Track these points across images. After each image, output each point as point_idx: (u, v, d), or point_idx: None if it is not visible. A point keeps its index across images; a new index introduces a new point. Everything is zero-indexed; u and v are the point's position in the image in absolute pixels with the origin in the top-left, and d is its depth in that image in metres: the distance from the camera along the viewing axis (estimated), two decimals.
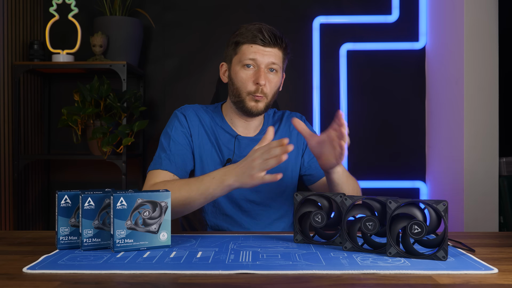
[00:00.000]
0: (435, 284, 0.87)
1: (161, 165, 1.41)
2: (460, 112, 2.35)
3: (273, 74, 1.45)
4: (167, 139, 1.47)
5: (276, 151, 1.18)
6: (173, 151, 1.44)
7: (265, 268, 0.96)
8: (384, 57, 2.84)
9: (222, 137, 1.51)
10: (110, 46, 2.66)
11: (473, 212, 2.30)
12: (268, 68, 1.44)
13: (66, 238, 1.12)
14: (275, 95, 1.50)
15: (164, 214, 1.12)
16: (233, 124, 1.53)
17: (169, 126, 1.50)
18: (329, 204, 1.18)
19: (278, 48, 1.44)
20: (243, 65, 1.44)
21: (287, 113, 1.64)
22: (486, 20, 2.31)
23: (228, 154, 1.49)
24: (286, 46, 1.47)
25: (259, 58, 1.42)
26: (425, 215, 1.05)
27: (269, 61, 1.43)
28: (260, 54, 1.42)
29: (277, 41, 1.43)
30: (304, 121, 1.62)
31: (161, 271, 0.94)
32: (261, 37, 1.42)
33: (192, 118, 1.51)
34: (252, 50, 1.43)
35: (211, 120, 1.53)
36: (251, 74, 1.43)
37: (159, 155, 1.44)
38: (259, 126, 1.57)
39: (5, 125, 2.52)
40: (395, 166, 2.85)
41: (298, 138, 1.59)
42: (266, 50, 1.43)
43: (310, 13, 2.84)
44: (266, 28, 1.44)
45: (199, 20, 2.88)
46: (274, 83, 1.46)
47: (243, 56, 1.44)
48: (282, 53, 1.46)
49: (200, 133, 1.50)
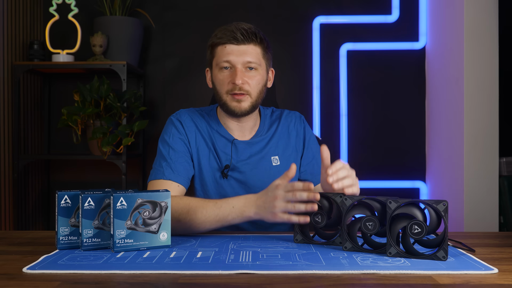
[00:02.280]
0: (435, 284, 0.87)
1: (163, 174, 1.39)
2: (460, 112, 2.35)
3: (253, 72, 1.42)
4: (165, 146, 1.45)
5: (303, 196, 1.15)
6: (174, 159, 1.42)
7: (265, 268, 0.95)
8: (384, 57, 2.84)
9: (218, 142, 1.48)
10: (110, 46, 2.66)
11: (473, 212, 2.30)
12: (246, 66, 1.41)
13: (66, 238, 1.12)
14: (262, 93, 1.46)
15: (164, 214, 1.12)
16: (228, 128, 1.50)
17: (166, 133, 1.48)
18: (329, 204, 1.18)
19: (253, 44, 1.41)
20: (220, 68, 1.42)
21: (286, 112, 1.60)
22: (486, 20, 2.31)
23: (225, 159, 1.47)
24: (262, 40, 1.43)
25: (234, 58, 1.39)
26: (425, 215, 1.05)
27: (245, 60, 1.40)
28: (234, 54, 1.39)
29: (250, 37, 1.40)
30: (303, 121, 1.60)
31: (161, 271, 0.94)
32: (233, 36, 1.39)
33: (188, 123, 1.48)
34: (226, 51, 1.40)
35: (207, 125, 1.50)
36: (227, 75, 1.41)
37: (160, 163, 1.42)
38: (255, 127, 1.53)
39: (5, 125, 2.52)
40: (395, 166, 2.85)
41: (297, 140, 1.56)
42: (241, 48, 1.39)
43: (310, 13, 2.84)
44: (239, 26, 1.40)
45: (199, 20, 2.88)
46: (255, 80, 1.42)
47: (218, 59, 1.42)
48: (259, 48, 1.42)
49: (197, 139, 1.48)
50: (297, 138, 1.56)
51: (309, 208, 1.15)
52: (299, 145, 1.57)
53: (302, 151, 1.57)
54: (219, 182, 1.47)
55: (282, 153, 1.52)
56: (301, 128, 1.58)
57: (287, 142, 1.55)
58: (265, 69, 1.47)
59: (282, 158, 1.51)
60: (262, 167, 1.48)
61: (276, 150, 1.52)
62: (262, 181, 1.47)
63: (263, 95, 1.47)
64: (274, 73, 1.54)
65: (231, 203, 1.25)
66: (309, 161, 1.56)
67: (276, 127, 1.56)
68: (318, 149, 1.59)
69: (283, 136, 1.55)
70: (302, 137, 1.57)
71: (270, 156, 1.51)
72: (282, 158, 1.52)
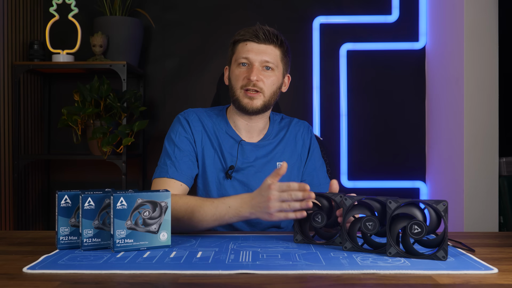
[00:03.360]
0: (435, 284, 0.87)
1: (167, 173, 1.41)
2: (460, 112, 2.35)
3: (270, 72, 1.44)
4: (171, 145, 1.46)
5: (298, 195, 1.16)
6: (178, 158, 1.43)
7: (265, 268, 0.96)
8: (384, 57, 2.84)
9: (225, 142, 1.49)
10: (110, 46, 2.66)
11: (473, 212, 2.30)
12: (263, 66, 1.43)
13: (66, 238, 1.12)
14: (276, 95, 1.48)
15: (164, 214, 1.12)
16: (236, 128, 1.51)
17: (173, 131, 1.49)
18: (329, 204, 1.18)
19: (273, 45, 1.44)
20: (238, 64, 1.45)
21: (295, 121, 1.61)
22: (486, 20, 2.31)
23: (231, 160, 1.48)
24: (283, 43, 1.46)
25: (252, 56, 1.42)
26: (425, 215, 1.05)
27: (263, 59, 1.42)
28: (253, 52, 1.42)
29: (271, 37, 1.43)
30: (310, 131, 1.60)
31: (161, 271, 0.94)
32: (255, 34, 1.42)
33: (195, 123, 1.49)
34: (246, 48, 1.43)
35: (214, 125, 1.51)
36: (244, 71, 1.44)
37: (165, 161, 1.44)
38: (263, 130, 1.54)
39: (5, 125, 2.52)
40: (395, 166, 2.85)
41: (303, 149, 1.57)
42: (261, 47, 1.43)
43: (310, 13, 2.84)
44: (262, 27, 1.44)
45: (199, 20, 2.88)
46: (270, 81, 1.44)
47: (238, 55, 1.45)
48: (279, 51, 1.45)
49: (203, 139, 1.49)
50: (303, 147, 1.57)
51: (304, 205, 1.16)
52: (303, 155, 1.57)
53: (305, 161, 1.57)
54: (222, 182, 1.47)
55: (288, 160, 1.52)
56: (308, 138, 1.59)
57: (293, 150, 1.55)
58: (282, 72, 1.49)
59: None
60: (266, 171, 1.48)
61: (283, 156, 1.53)
62: None
63: (277, 97, 1.49)
64: (290, 80, 1.55)
65: (228, 203, 1.25)
66: (310, 172, 1.57)
67: (284, 133, 1.56)
68: (321, 161, 1.61)
69: (290, 144, 1.56)
70: (307, 147, 1.58)
71: (276, 161, 1.51)
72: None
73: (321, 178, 1.57)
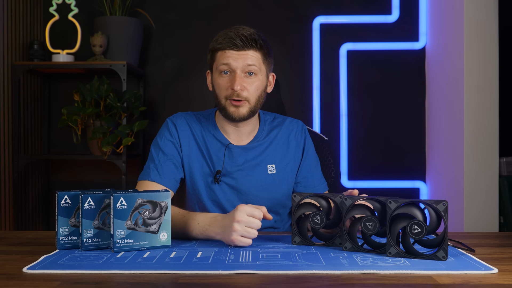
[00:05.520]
0: (435, 284, 0.87)
1: (149, 176, 1.41)
2: (460, 112, 2.35)
3: (253, 78, 1.41)
4: (156, 149, 1.46)
5: (256, 224, 1.16)
6: (162, 161, 1.43)
7: (265, 268, 0.96)
8: (384, 57, 2.84)
9: (213, 146, 1.47)
10: (110, 46, 2.67)
11: (473, 212, 2.30)
12: (245, 72, 1.40)
13: (66, 238, 1.12)
14: (261, 98, 1.44)
15: (164, 214, 1.12)
16: (225, 132, 1.49)
17: (159, 135, 1.49)
18: (328, 205, 1.18)
19: (253, 49, 1.40)
20: (220, 72, 1.42)
21: (288, 120, 1.57)
22: (486, 20, 2.31)
23: (219, 164, 1.45)
24: (263, 46, 1.42)
25: (233, 64, 1.39)
26: (425, 215, 1.05)
27: (245, 64, 1.39)
28: (233, 59, 1.39)
29: (250, 43, 1.39)
30: (304, 131, 1.56)
31: (161, 271, 0.94)
32: (233, 42, 1.38)
33: (182, 127, 1.48)
34: (226, 55, 1.40)
35: (203, 129, 1.49)
36: (227, 80, 1.41)
37: (148, 165, 1.44)
38: (253, 132, 1.51)
39: (5, 125, 2.52)
40: (395, 166, 2.85)
41: (296, 151, 1.53)
42: (241, 54, 1.39)
43: (310, 13, 2.84)
44: (238, 33, 1.40)
45: (199, 20, 2.88)
46: (254, 86, 1.41)
47: (218, 63, 1.42)
48: (259, 53, 1.41)
49: (190, 143, 1.47)
50: (296, 148, 1.53)
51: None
52: (297, 156, 1.53)
53: (299, 162, 1.54)
54: (211, 187, 1.45)
55: (279, 162, 1.49)
56: (301, 139, 1.54)
57: (286, 151, 1.51)
58: (265, 74, 1.46)
59: (278, 167, 1.49)
60: (256, 174, 1.46)
61: (273, 158, 1.49)
62: (255, 188, 1.45)
63: (263, 100, 1.46)
64: (275, 77, 1.53)
65: (197, 219, 1.24)
66: (305, 175, 1.53)
67: (276, 134, 1.53)
68: (316, 161, 1.57)
69: (282, 145, 1.52)
70: (301, 148, 1.54)
71: (267, 164, 1.48)
72: (278, 167, 1.49)
73: (316, 180, 1.54)
